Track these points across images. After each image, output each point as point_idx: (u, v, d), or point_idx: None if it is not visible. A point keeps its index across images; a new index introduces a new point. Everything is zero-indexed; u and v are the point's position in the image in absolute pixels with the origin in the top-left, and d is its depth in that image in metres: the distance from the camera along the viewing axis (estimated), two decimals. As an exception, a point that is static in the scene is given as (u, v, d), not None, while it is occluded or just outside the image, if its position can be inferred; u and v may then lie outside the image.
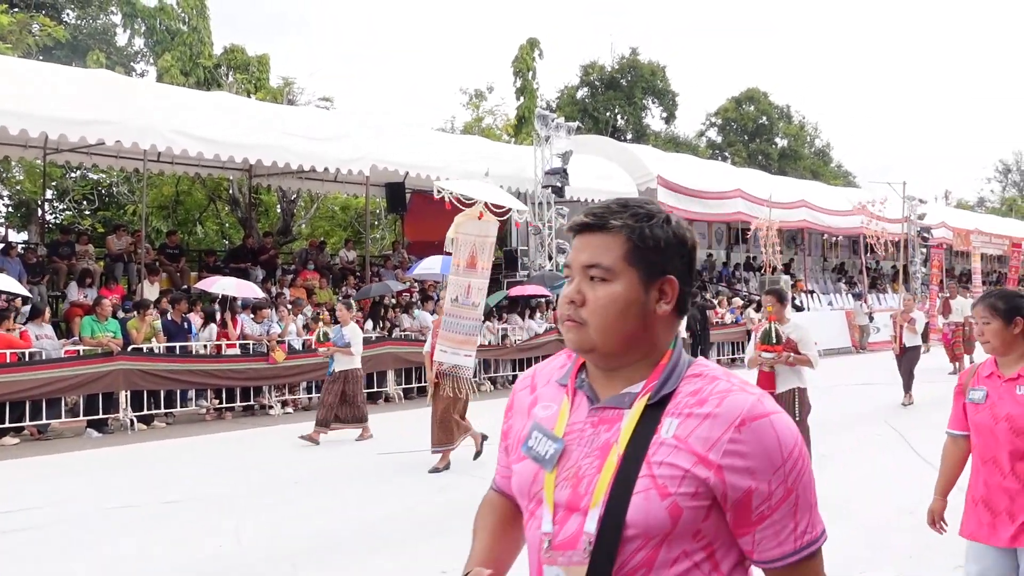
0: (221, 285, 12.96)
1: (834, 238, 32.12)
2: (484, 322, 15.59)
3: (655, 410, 1.44)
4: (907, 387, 12.47)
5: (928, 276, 26.13)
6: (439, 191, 11.36)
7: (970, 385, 3.37)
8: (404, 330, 14.88)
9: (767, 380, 6.28)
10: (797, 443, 1.42)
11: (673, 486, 1.38)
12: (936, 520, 3.47)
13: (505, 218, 12.25)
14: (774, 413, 1.41)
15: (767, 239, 21.83)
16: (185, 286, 14.68)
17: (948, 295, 18.07)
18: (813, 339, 6.51)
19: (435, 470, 8.12)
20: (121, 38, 28.37)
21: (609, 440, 1.45)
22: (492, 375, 15.68)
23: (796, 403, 6.31)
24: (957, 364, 16.39)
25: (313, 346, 11.76)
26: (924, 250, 29.02)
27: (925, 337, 13.39)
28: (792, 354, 6.32)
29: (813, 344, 6.46)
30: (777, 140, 46.88)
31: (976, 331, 3.40)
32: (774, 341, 6.27)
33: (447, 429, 8.18)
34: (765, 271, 22.34)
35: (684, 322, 13.08)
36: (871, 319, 23.64)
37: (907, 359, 12.61)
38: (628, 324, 1.47)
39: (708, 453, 1.39)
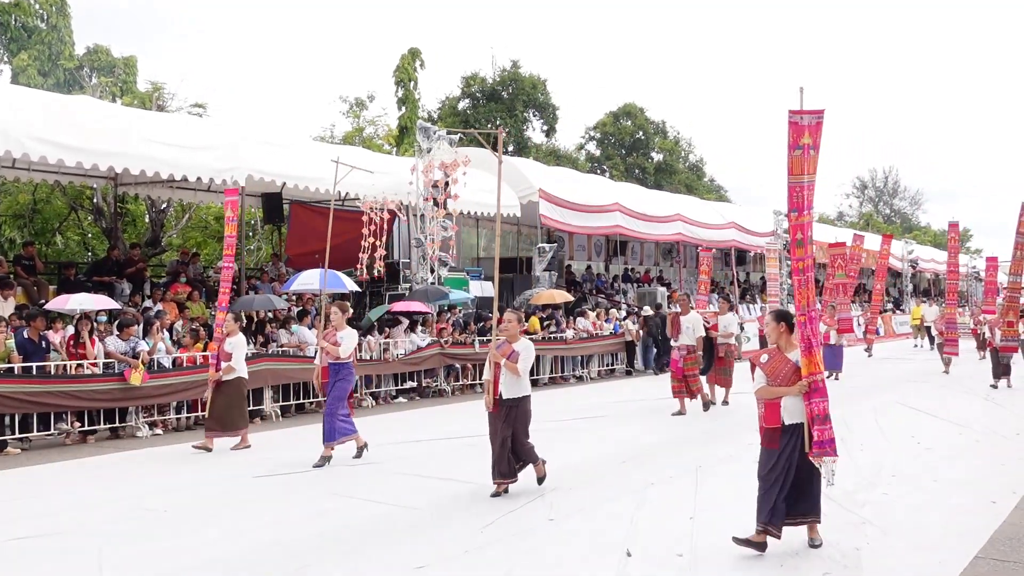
0: (77, 301, 12.19)
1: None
2: (365, 336, 15.35)
3: None
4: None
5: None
6: None
7: None
8: (282, 346, 14.43)
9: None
10: None
11: None
12: None
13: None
14: None
15: None
16: (43, 300, 13.78)
17: (679, 310, 13.77)
18: None
19: None
20: (-30, 34, 26.53)
21: None
22: (373, 390, 15.40)
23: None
24: (688, 400, 13.00)
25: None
26: (789, 262, 30.39)
27: None
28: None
29: None
30: (653, 154, 48.27)
31: None
32: None
33: None
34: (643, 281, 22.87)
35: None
36: (742, 329, 24.55)
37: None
38: None
39: None
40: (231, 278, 11.82)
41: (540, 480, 7.90)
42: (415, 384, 16.14)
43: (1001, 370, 16.68)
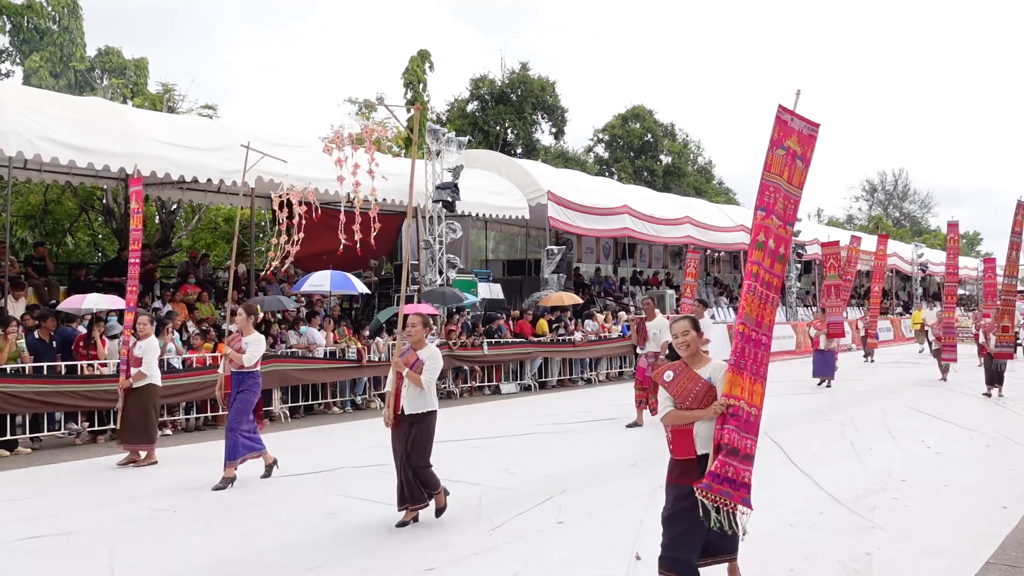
0: (91, 301, 12.25)
1: (716, 253, 33.24)
2: (373, 339, 15.38)
3: None
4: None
5: (817, 290, 27.21)
6: None
7: None
8: (291, 347, 14.46)
9: None
10: None
11: None
12: None
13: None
14: None
15: None
16: (53, 301, 13.85)
17: (644, 316, 12.40)
18: None
19: None
20: (-17, 36, 26.69)
21: None
22: (382, 392, 15.38)
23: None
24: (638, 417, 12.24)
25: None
26: (799, 265, 30.38)
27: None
28: None
29: None
30: (662, 157, 48.22)
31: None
32: None
33: None
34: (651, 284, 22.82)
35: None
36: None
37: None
38: None
39: None
40: (138, 275, 10.93)
41: (438, 512, 6.92)
42: (423, 386, 16.13)
43: (992, 376, 15.93)
